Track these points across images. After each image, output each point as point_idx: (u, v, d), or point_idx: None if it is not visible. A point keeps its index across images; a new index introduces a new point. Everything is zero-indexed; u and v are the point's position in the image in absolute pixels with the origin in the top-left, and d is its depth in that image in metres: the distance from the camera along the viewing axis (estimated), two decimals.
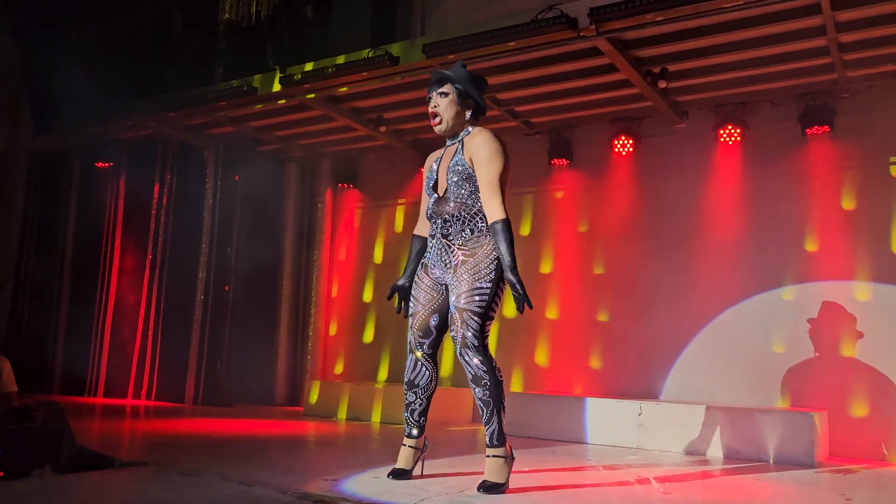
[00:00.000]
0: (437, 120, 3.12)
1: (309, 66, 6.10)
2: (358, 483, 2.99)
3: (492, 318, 2.94)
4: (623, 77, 5.37)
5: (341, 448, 4.27)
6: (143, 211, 7.82)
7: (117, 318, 7.80)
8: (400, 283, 3.23)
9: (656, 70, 5.24)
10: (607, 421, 5.18)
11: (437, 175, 3.18)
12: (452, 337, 2.96)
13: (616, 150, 6.14)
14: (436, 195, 3.13)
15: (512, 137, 6.21)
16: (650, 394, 5.79)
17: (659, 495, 3.11)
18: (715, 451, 4.73)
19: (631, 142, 6.10)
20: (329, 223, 7.73)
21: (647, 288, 5.96)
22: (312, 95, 6.15)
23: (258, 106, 6.52)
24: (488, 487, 2.84)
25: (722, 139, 5.73)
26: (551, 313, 6.37)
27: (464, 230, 3.01)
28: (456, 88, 3.10)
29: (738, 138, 5.69)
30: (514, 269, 2.85)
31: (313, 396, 6.63)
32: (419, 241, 3.27)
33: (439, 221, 3.08)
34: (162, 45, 7.51)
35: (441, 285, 3.09)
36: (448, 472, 3.36)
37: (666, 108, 5.78)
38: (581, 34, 4.85)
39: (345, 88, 5.98)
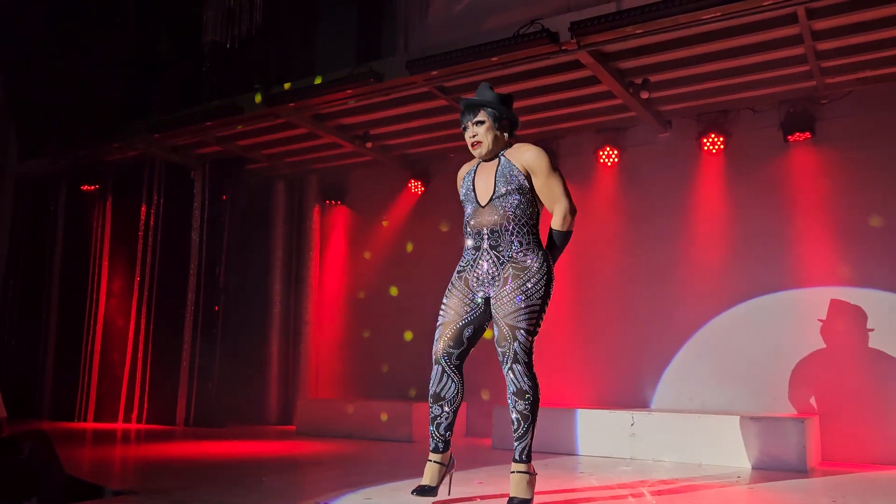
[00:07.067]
0: (478, 146, 3.10)
1: (294, 85, 6.11)
2: None
3: (537, 334, 3.00)
4: (606, 89, 5.41)
5: (334, 468, 4.25)
6: (130, 233, 7.78)
7: (106, 341, 7.74)
8: None
9: (638, 81, 5.29)
10: (599, 432, 5.18)
11: (473, 186, 3.13)
12: (501, 352, 2.95)
13: (601, 160, 6.18)
14: (477, 205, 3.09)
15: None
16: (641, 403, 5.79)
17: None
18: (707, 458, 4.73)
19: (616, 152, 6.14)
20: (318, 240, 7.71)
21: (636, 297, 5.96)
22: (298, 114, 6.16)
23: (243, 125, 6.52)
24: None
25: (705, 147, 5.77)
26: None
27: (513, 242, 3.02)
28: (490, 113, 3.09)
29: (721, 146, 5.73)
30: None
31: (305, 415, 6.59)
32: None
33: (485, 232, 3.04)
34: (147, 68, 7.52)
35: (480, 298, 3.05)
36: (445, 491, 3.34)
37: (649, 117, 5.82)
38: (563, 48, 4.88)
39: (330, 106, 6.00)
